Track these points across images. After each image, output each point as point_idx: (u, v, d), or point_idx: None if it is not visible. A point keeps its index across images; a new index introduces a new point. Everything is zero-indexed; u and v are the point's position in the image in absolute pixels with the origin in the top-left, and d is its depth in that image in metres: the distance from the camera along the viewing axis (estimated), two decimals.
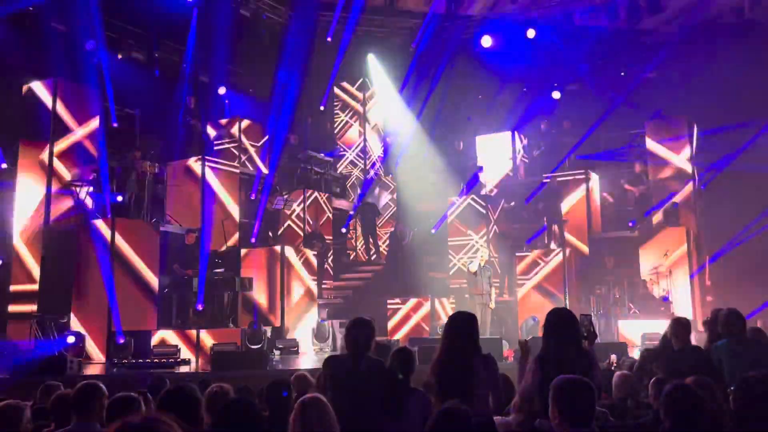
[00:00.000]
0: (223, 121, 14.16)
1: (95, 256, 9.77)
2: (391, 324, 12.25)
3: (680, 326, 4.94)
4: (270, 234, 12.83)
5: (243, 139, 14.20)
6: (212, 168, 12.21)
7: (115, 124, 12.23)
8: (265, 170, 13.47)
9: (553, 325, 3.95)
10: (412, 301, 12.35)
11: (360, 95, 16.57)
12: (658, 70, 14.18)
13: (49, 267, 10.39)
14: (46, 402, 4.40)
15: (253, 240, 12.41)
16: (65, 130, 10.95)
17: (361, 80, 16.41)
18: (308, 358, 10.38)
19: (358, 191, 15.14)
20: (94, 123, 11.18)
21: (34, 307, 10.08)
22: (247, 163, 13.96)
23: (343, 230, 14.88)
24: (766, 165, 12.67)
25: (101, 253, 9.75)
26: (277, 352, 10.40)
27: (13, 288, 10.58)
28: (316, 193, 14.10)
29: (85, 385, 3.81)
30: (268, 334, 10.53)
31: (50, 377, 5.95)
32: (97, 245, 9.79)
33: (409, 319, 12.25)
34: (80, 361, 8.51)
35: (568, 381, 2.98)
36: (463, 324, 4.03)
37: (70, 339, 8.94)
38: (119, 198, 10.94)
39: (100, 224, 10.02)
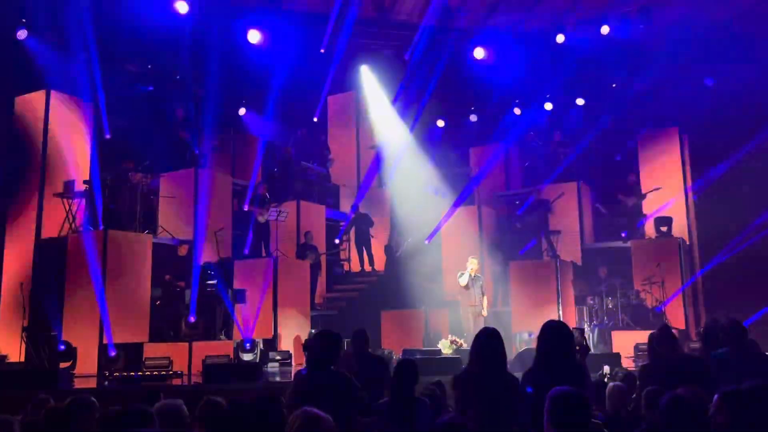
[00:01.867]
0: (216, 133, 14.14)
1: (87, 268, 9.70)
2: (385, 335, 12.21)
3: (667, 337, 4.95)
4: (263, 245, 12.78)
5: (236, 150, 14.22)
6: (205, 179, 12.17)
7: (108, 136, 12.20)
8: (258, 181, 13.45)
9: (547, 337, 3.96)
10: (406, 312, 12.33)
11: (353, 106, 16.59)
12: (650, 81, 14.25)
13: (40, 279, 10.33)
14: (36, 416, 4.35)
15: (246, 251, 12.37)
16: (58, 142, 10.92)
17: (354, 91, 16.44)
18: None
19: (352, 202, 15.13)
20: (87, 134, 11.15)
21: (24, 320, 10.01)
22: (240, 174, 13.96)
23: (337, 241, 14.85)
24: (758, 174, 12.76)
25: (93, 264, 9.69)
26: (275, 364, 10.35)
27: (3, 300, 10.51)
28: (309, 204, 14.08)
29: (76, 399, 3.78)
30: (261, 345, 10.48)
31: (41, 391, 5.88)
32: (89, 257, 9.72)
33: (404, 330, 12.22)
34: (71, 374, 8.45)
35: (563, 393, 2.97)
36: (492, 341, 4.02)
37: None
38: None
39: (91, 236, 9.97)
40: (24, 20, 11.43)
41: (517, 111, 16.04)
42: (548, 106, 16.00)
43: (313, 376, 4.18)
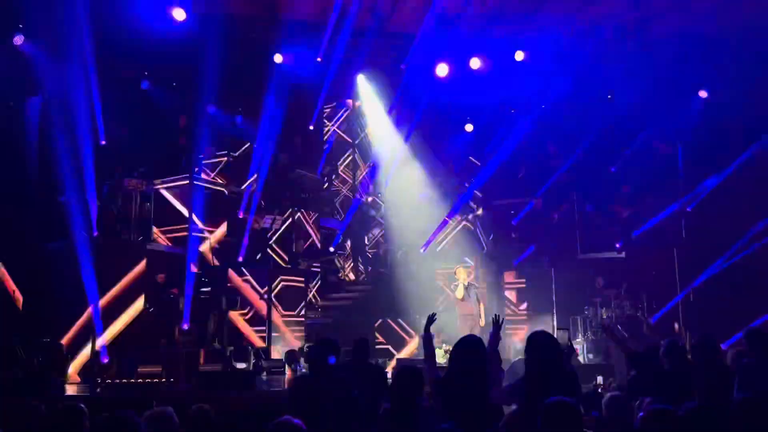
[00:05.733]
0: (212, 140, 14.14)
1: (80, 274, 9.66)
2: (379, 344, 12.18)
3: (675, 348, 4.98)
4: (257, 253, 12.76)
5: (232, 157, 14.20)
6: (200, 186, 12.16)
7: (103, 142, 12.18)
8: (253, 189, 13.43)
9: (534, 347, 4.00)
10: (400, 321, 12.30)
11: (349, 115, 16.61)
12: (645, 92, 14.31)
13: (34, 285, 10.27)
14: (26, 423, 4.32)
15: (240, 259, 12.34)
16: (53, 149, 10.89)
17: (350, 100, 16.46)
18: None
19: (347, 210, 15.14)
20: (82, 141, 11.13)
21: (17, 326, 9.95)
22: (235, 181, 13.94)
23: (332, 249, 14.84)
24: (752, 185, 12.79)
25: (86, 271, 9.65)
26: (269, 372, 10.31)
27: None
28: (304, 212, 14.07)
29: (67, 407, 3.75)
30: (254, 354, 10.44)
31: (31, 397, 5.84)
32: (83, 263, 9.69)
33: (398, 338, 12.20)
34: (63, 380, 8.40)
35: (556, 403, 2.98)
36: (473, 347, 4.04)
37: None
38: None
39: (85, 242, 9.93)
40: (21, 26, 11.42)
41: (512, 122, 16.07)
42: (543, 115, 16.03)
43: (316, 381, 4.21)
